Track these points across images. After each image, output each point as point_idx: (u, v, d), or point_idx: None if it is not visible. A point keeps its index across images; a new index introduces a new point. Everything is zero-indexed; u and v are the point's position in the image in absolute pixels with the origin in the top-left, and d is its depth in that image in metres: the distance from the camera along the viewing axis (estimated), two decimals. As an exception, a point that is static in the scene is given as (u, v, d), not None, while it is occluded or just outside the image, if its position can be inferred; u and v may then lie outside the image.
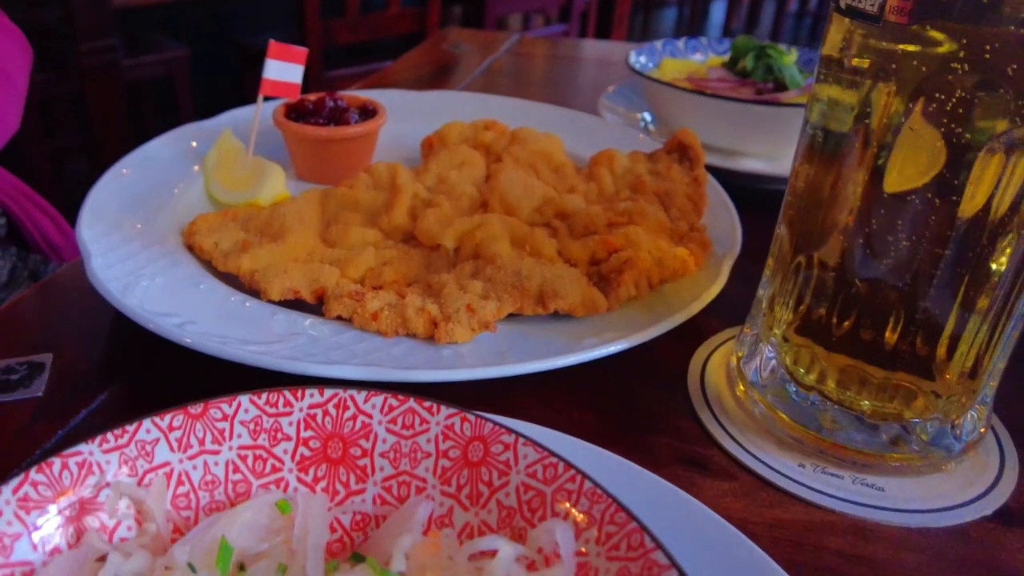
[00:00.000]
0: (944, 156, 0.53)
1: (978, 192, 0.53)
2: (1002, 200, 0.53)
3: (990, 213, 0.54)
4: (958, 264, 0.56)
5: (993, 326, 0.59)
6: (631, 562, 0.38)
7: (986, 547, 0.58)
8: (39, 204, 1.67)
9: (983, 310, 0.58)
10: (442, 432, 0.46)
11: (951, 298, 0.57)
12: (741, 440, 0.65)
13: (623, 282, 0.69)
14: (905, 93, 0.53)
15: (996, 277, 0.56)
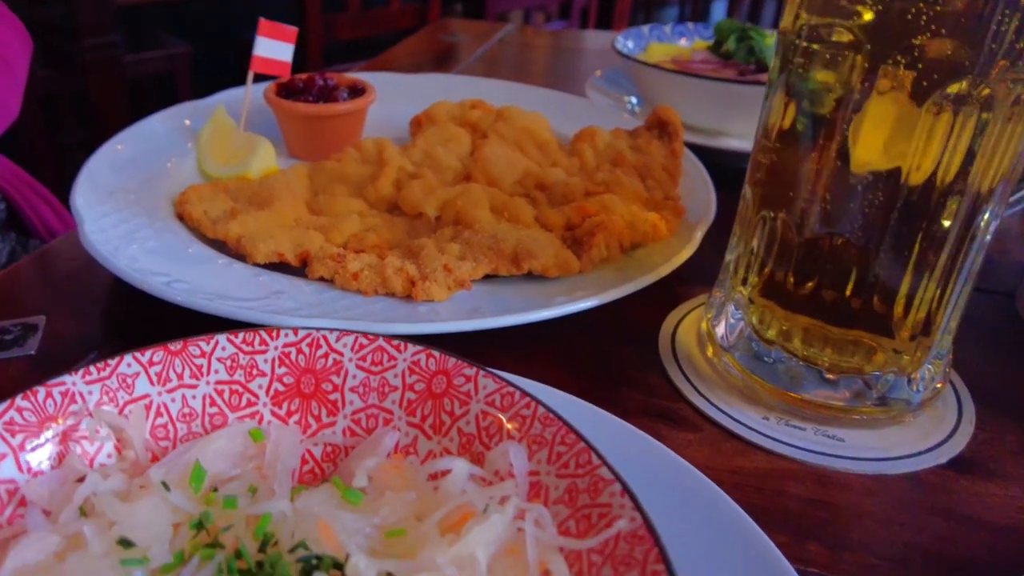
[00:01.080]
0: (897, 122, 0.56)
1: (926, 158, 0.56)
2: (950, 163, 0.56)
3: (937, 177, 0.56)
4: (909, 226, 0.58)
5: (944, 284, 0.61)
6: (579, 478, 0.40)
7: (939, 492, 0.60)
8: (39, 191, 1.70)
9: (933, 269, 0.60)
10: (408, 367, 0.48)
11: (904, 258, 0.59)
12: (708, 395, 0.68)
13: (595, 244, 0.71)
14: (862, 59, 0.55)
15: (944, 238, 0.59)
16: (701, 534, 0.47)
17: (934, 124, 0.55)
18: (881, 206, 0.58)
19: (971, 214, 0.58)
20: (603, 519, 0.37)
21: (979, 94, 0.53)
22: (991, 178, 0.57)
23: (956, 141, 0.55)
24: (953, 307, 0.62)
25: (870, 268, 0.60)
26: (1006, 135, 0.55)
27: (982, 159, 0.56)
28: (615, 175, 0.85)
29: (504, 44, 1.95)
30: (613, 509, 0.37)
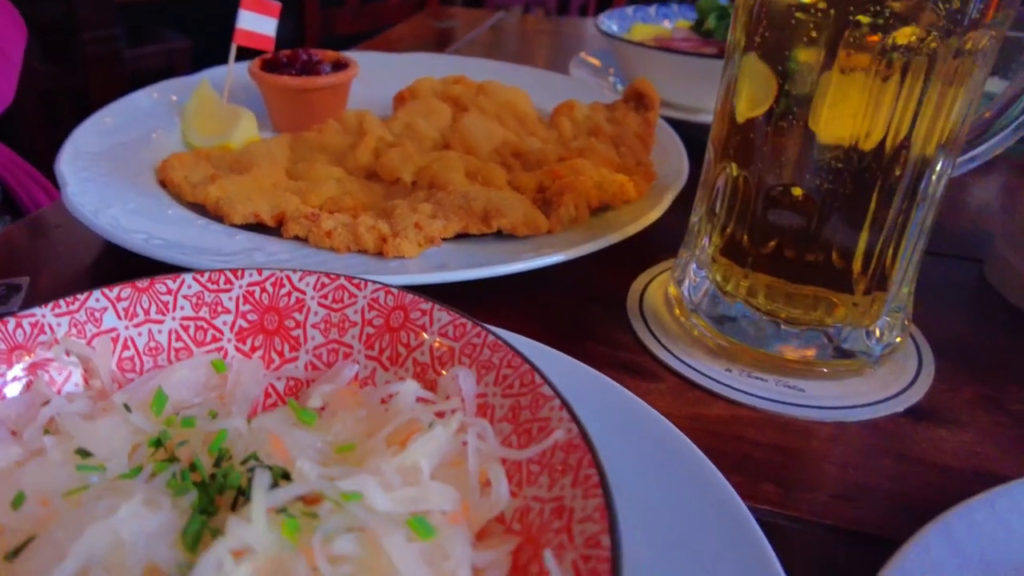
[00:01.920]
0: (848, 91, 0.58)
1: (876, 124, 0.58)
2: (899, 129, 0.57)
3: (887, 142, 0.58)
4: (862, 185, 0.60)
5: (897, 240, 0.62)
6: (522, 396, 0.41)
7: (894, 438, 0.62)
8: (34, 176, 1.72)
9: (884, 226, 0.61)
10: (368, 304, 0.50)
11: (859, 216, 0.61)
12: (672, 349, 0.69)
13: (563, 203, 0.73)
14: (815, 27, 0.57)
15: (894, 197, 0.60)
16: (654, 469, 0.48)
17: (882, 90, 0.56)
18: (834, 168, 0.60)
19: (918, 175, 0.60)
20: (542, 432, 0.39)
21: (926, 46, 0.54)
22: (935, 141, 0.59)
23: (904, 106, 0.57)
24: (906, 261, 0.64)
25: (826, 226, 0.62)
26: (947, 99, 0.57)
27: (921, 124, 0.58)
28: (589, 143, 0.87)
29: (496, 30, 1.96)
30: (552, 422, 0.39)
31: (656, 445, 0.49)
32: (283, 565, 0.31)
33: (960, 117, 0.59)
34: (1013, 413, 0.65)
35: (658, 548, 0.42)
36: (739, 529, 0.43)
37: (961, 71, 0.56)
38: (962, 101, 0.58)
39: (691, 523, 0.43)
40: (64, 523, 0.33)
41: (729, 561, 0.41)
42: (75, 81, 3.49)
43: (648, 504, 0.45)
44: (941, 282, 0.86)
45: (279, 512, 0.32)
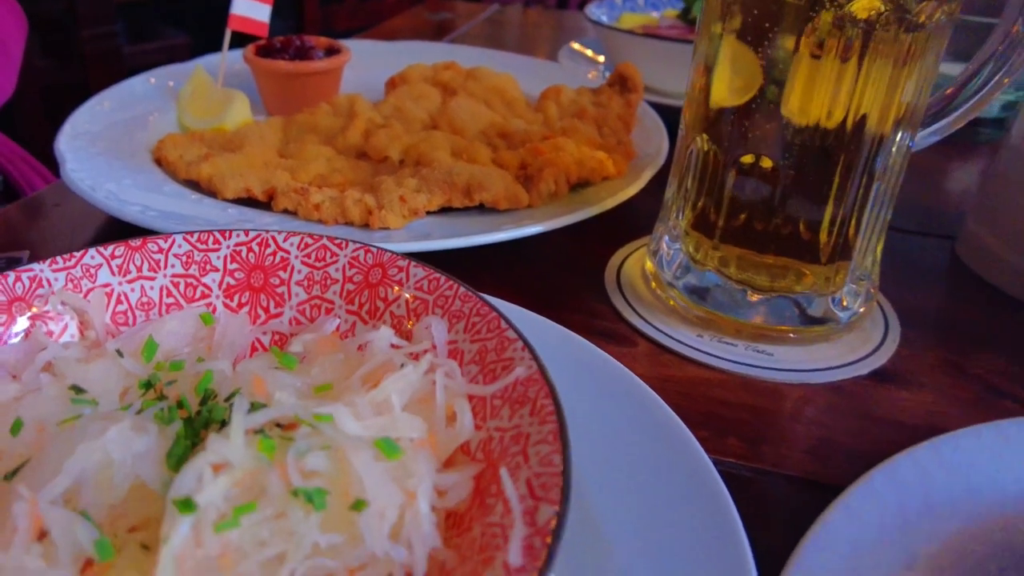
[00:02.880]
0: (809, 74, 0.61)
1: (838, 103, 0.60)
2: (858, 108, 0.61)
3: (848, 121, 0.61)
4: (824, 161, 0.62)
5: (859, 213, 0.65)
6: (488, 340, 0.44)
7: (857, 398, 0.64)
8: (34, 166, 1.75)
9: (844, 199, 0.64)
10: (348, 262, 0.52)
11: (822, 189, 0.64)
12: (646, 317, 0.72)
13: (543, 178, 0.75)
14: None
15: (853, 172, 0.63)
16: (616, 412, 0.51)
17: (842, 71, 0.59)
18: (798, 145, 0.62)
19: (877, 150, 0.63)
20: (505, 370, 0.42)
21: (883, 19, 0.57)
22: (891, 118, 0.62)
23: (862, 86, 0.60)
24: (868, 231, 0.67)
25: (790, 199, 0.65)
26: (902, 77, 0.60)
27: (878, 102, 0.61)
28: (572, 123, 0.89)
29: (493, 23, 1.99)
30: (514, 361, 0.42)
31: (618, 391, 0.52)
32: (258, 478, 0.33)
33: (915, 94, 0.62)
34: (973, 376, 0.68)
35: (619, 480, 0.45)
36: (693, 466, 0.45)
37: (915, 49, 0.59)
38: (917, 79, 0.61)
39: (647, 457, 0.46)
40: (58, 445, 0.35)
41: (681, 488, 0.44)
42: (75, 78, 3.51)
43: (608, 441, 0.48)
44: (914, 258, 0.88)
45: (256, 433, 0.35)
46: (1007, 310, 0.78)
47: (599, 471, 0.47)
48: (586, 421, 0.48)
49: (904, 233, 0.94)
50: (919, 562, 0.42)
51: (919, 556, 0.43)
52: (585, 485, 0.45)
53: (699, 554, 0.41)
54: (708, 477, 0.45)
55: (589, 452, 0.46)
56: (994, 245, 0.82)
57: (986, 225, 0.84)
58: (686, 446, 0.48)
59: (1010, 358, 0.70)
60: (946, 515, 0.45)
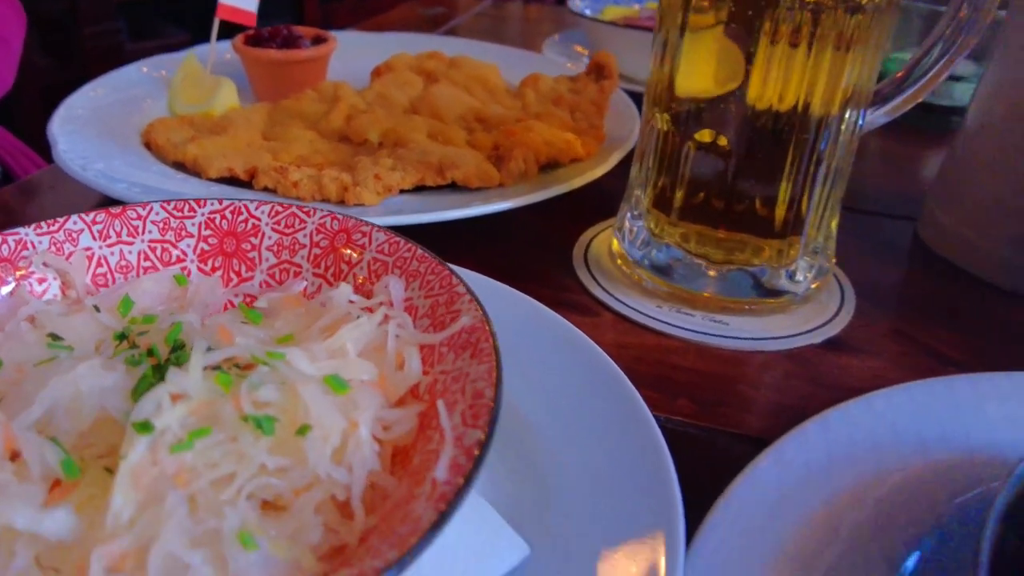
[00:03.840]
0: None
1: (789, 87, 0.64)
2: (800, 90, 0.64)
3: (799, 101, 0.64)
4: (775, 139, 0.66)
5: (810, 189, 0.68)
6: (440, 295, 0.47)
7: (808, 365, 0.67)
8: (34, 160, 1.79)
9: (795, 177, 0.67)
10: (316, 228, 0.56)
11: (773, 166, 0.67)
12: (610, 289, 0.75)
13: (513, 157, 0.78)
14: None
15: (803, 151, 0.66)
16: (569, 375, 0.54)
17: (792, 56, 0.63)
18: (751, 126, 0.66)
19: (826, 131, 0.66)
20: (453, 320, 0.45)
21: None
22: (838, 100, 0.65)
23: (813, 70, 0.63)
24: (820, 207, 0.69)
25: (744, 177, 0.68)
26: (847, 61, 0.63)
27: (827, 85, 0.64)
28: (547, 108, 0.92)
29: (484, 17, 2.02)
30: (461, 312, 0.45)
31: (569, 351, 0.55)
32: (213, 408, 0.37)
33: (861, 77, 0.65)
34: (923, 345, 0.71)
35: (559, 415, 0.48)
36: (630, 408, 0.48)
37: (858, 33, 0.62)
38: (862, 62, 0.64)
39: (587, 401, 0.50)
40: (33, 380, 0.39)
41: (615, 425, 0.47)
42: (76, 76, 3.55)
43: (549, 381, 0.52)
44: (876, 237, 0.91)
45: (214, 369, 0.38)
46: (962, 286, 0.81)
47: (540, 407, 0.50)
48: (531, 366, 0.52)
49: (869, 215, 0.97)
50: (839, 502, 0.45)
51: (839, 497, 0.46)
52: (526, 418, 0.48)
53: (629, 482, 0.44)
54: (640, 413, 0.49)
55: (527, 383, 0.51)
56: (951, 224, 0.85)
57: (943, 205, 0.87)
58: (621, 387, 0.51)
59: (959, 328, 0.73)
60: (869, 460, 0.48)
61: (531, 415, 0.50)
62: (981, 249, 0.82)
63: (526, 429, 0.49)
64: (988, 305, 0.78)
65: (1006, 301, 0.78)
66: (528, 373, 0.53)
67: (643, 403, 0.50)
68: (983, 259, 0.82)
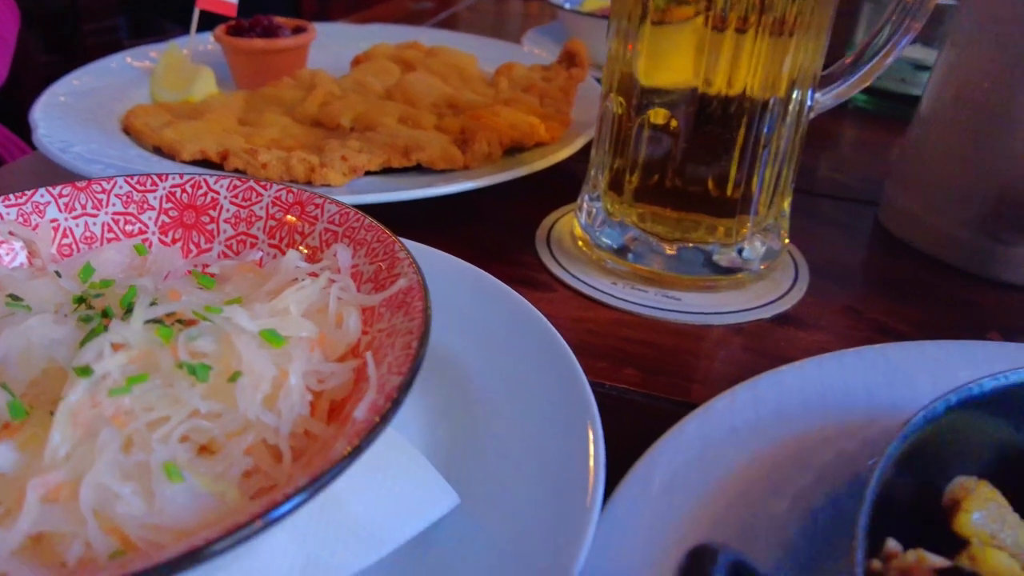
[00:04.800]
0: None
1: (737, 72, 0.66)
2: (743, 78, 0.66)
3: (746, 89, 0.66)
4: (723, 124, 0.68)
5: (762, 169, 0.70)
6: (383, 261, 0.50)
7: (755, 338, 0.69)
8: (27, 153, 1.82)
9: (744, 157, 0.69)
10: (272, 201, 0.58)
11: (719, 150, 0.69)
12: (568, 268, 0.77)
13: (478, 139, 0.81)
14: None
15: (750, 132, 0.68)
16: (509, 337, 0.56)
17: (739, 42, 0.65)
18: (701, 109, 0.68)
19: (773, 113, 0.68)
20: (392, 283, 0.47)
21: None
22: (785, 83, 0.67)
23: (758, 55, 0.66)
24: (769, 187, 0.72)
25: (695, 159, 0.70)
26: (791, 45, 0.65)
27: (771, 68, 0.66)
28: (517, 95, 0.95)
29: (470, 10, 2.04)
30: (401, 276, 0.47)
31: (500, 301, 0.59)
32: (153, 357, 0.39)
33: (806, 61, 0.67)
34: (870, 320, 0.73)
35: (492, 364, 0.51)
36: (567, 372, 0.51)
37: (800, 19, 0.64)
38: (806, 46, 0.66)
39: (524, 360, 0.52)
40: (-13, 333, 0.41)
41: (545, 373, 0.50)
42: (75, 67, 3.58)
43: (492, 346, 0.55)
44: (838, 222, 0.94)
45: (156, 323, 0.41)
46: (918, 266, 0.83)
47: (480, 366, 0.53)
48: (475, 329, 0.55)
49: (835, 199, 0.99)
50: (761, 459, 0.48)
51: (762, 453, 0.48)
52: (467, 377, 0.51)
53: (559, 439, 0.46)
54: (576, 377, 0.51)
55: (469, 349, 0.55)
56: (908, 207, 0.87)
57: (901, 189, 0.89)
58: (558, 348, 0.54)
59: (910, 305, 0.75)
60: (795, 421, 0.50)
61: (472, 374, 0.53)
62: (937, 231, 0.84)
63: (466, 387, 0.51)
64: (941, 284, 0.80)
65: (961, 280, 0.80)
66: (471, 334, 0.56)
67: (580, 368, 0.52)
68: (939, 241, 0.84)
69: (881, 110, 1.35)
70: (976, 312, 0.76)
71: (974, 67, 0.79)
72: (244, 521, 0.29)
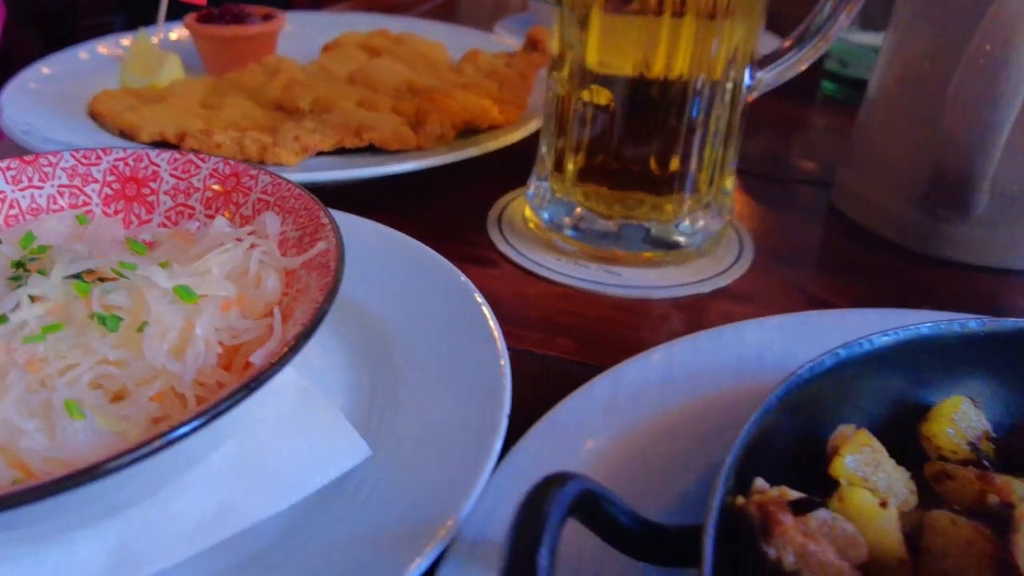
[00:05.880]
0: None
1: (676, 55, 0.68)
2: (681, 61, 0.68)
3: (686, 68, 0.68)
4: (664, 106, 0.70)
5: (699, 148, 0.72)
6: (308, 227, 0.52)
7: (692, 312, 0.71)
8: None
9: (682, 137, 0.71)
10: (209, 173, 0.60)
11: (658, 131, 0.71)
12: (516, 245, 0.79)
13: (430, 121, 0.83)
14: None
15: (684, 114, 0.70)
16: (435, 303, 0.59)
17: (676, 27, 0.67)
18: (641, 92, 0.70)
19: (707, 95, 0.70)
20: (313, 247, 0.49)
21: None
22: (720, 66, 0.69)
23: (696, 39, 0.67)
24: (708, 166, 0.73)
25: (634, 139, 0.72)
26: (725, 29, 0.67)
27: (694, 56, 0.68)
28: (476, 79, 0.97)
29: (455, 3, 2.06)
30: (321, 240, 0.49)
31: (425, 266, 0.63)
32: (69, 309, 0.41)
33: (740, 42, 0.69)
34: (810, 296, 0.75)
35: (411, 321, 0.54)
36: (484, 334, 0.53)
37: (734, 2, 0.66)
38: (739, 29, 0.68)
39: (443, 321, 0.54)
40: (-84, 290, 0.43)
41: (462, 332, 0.53)
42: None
43: (414, 308, 0.57)
44: (793, 203, 0.95)
45: (76, 279, 0.43)
46: (866, 246, 0.84)
47: (401, 325, 0.56)
48: (400, 289, 0.59)
49: (791, 182, 1.01)
50: (669, 414, 0.49)
51: (671, 410, 0.50)
52: (387, 335, 0.53)
53: (471, 397, 0.48)
54: (490, 337, 0.53)
55: (391, 309, 0.58)
56: (857, 188, 0.89)
57: (851, 170, 0.91)
58: (478, 312, 0.56)
59: (849, 279, 0.77)
60: (707, 381, 0.52)
61: (398, 335, 0.55)
62: (883, 210, 0.86)
63: (391, 347, 0.54)
64: (885, 262, 0.82)
65: (904, 258, 0.82)
66: (400, 298, 0.59)
67: (499, 333, 0.54)
68: (885, 220, 0.86)
69: (850, 98, 1.36)
70: (915, 288, 0.78)
71: (915, 49, 0.81)
72: (136, 444, 0.31)
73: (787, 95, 1.36)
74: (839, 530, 0.37)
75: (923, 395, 0.49)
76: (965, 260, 0.81)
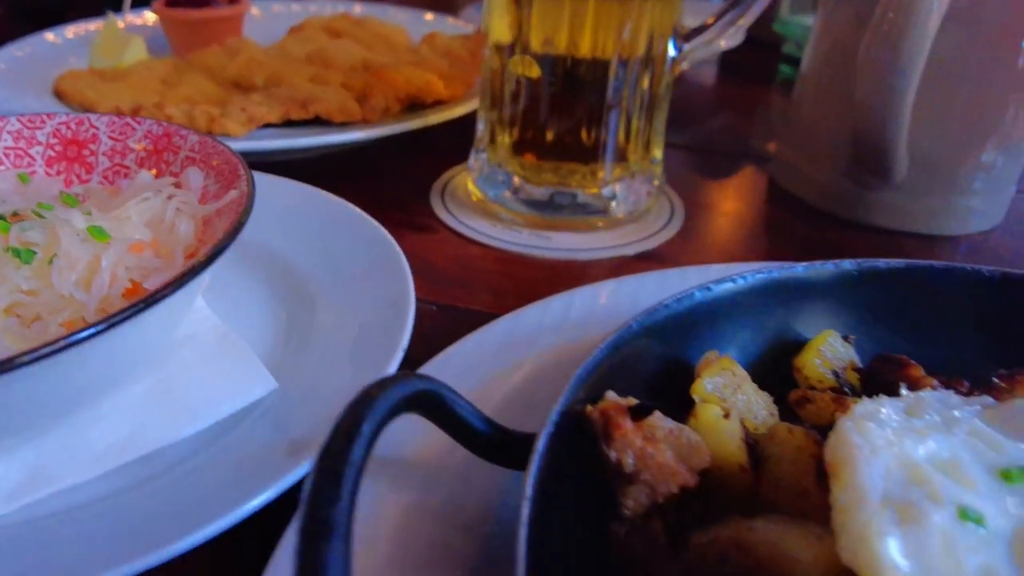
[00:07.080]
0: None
1: (601, 33, 0.71)
2: (605, 41, 0.71)
3: (608, 47, 0.72)
4: (590, 80, 0.73)
5: (626, 119, 0.75)
6: (229, 181, 0.55)
7: (611, 271, 0.74)
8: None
9: (603, 110, 0.74)
10: (144, 135, 0.63)
11: (586, 103, 0.74)
12: (455, 212, 0.82)
13: (375, 94, 0.86)
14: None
15: (607, 89, 0.73)
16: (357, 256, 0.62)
17: (600, 8, 0.70)
18: (559, 64, 0.73)
19: (628, 67, 0.73)
20: (227, 195, 0.53)
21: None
22: (642, 44, 0.72)
23: (624, 18, 0.71)
24: (636, 136, 0.77)
25: (563, 112, 0.75)
26: (645, 11, 0.71)
27: (612, 32, 0.71)
28: (429, 57, 1.00)
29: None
30: (235, 189, 0.52)
31: (362, 235, 0.64)
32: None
33: (664, 16, 0.72)
34: (730, 256, 0.78)
35: (334, 284, 0.57)
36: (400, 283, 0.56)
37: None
38: (655, 10, 0.71)
39: (366, 272, 0.58)
40: None
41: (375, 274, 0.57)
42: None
43: (331, 255, 0.61)
44: (733, 176, 0.99)
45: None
46: (796, 214, 0.87)
47: (325, 272, 0.60)
48: (325, 244, 0.62)
49: (732, 156, 1.04)
50: (559, 351, 0.53)
51: (561, 347, 0.53)
52: (304, 280, 0.57)
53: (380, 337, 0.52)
54: (402, 273, 0.57)
55: (311, 259, 0.62)
56: (792, 159, 0.92)
57: (786, 142, 0.94)
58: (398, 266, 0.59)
59: (775, 245, 0.80)
60: (600, 323, 0.55)
61: (319, 285, 0.58)
62: (813, 180, 0.89)
63: (314, 296, 0.57)
64: (814, 229, 0.85)
65: (834, 225, 0.85)
66: (324, 252, 0.62)
67: (411, 283, 0.57)
68: (815, 189, 0.89)
69: (782, 73, 1.40)
70: (838, 252, 0.81)
71: (839, 25, 0.84)
72: (40, 344, 0.35)
73: (749, 78, 1.41)
74: (684, 439, 0.40)
75: (802, 332, 0.52)
76: (890, 226, 0.84)
